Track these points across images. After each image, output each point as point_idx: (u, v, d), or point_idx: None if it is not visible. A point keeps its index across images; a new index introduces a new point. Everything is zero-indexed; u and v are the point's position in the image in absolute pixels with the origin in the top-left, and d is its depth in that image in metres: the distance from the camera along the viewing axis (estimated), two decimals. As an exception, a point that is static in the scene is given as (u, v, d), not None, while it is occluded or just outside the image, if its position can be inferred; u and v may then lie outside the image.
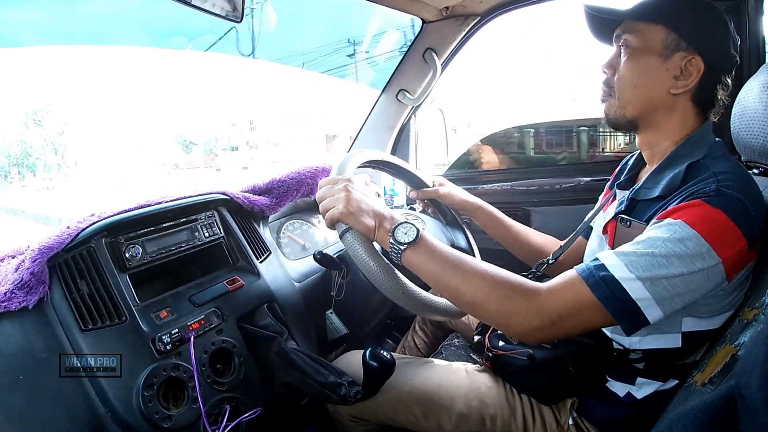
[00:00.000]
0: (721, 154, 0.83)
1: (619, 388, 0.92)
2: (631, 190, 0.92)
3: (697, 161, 0.82)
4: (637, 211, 0.87)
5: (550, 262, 1.15)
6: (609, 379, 0.93)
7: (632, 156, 1.05)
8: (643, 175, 0.95)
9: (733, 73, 0.88)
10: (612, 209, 0.96)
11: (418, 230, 0.83)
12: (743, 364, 0.38)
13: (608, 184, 1.13)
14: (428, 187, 1.33)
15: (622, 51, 0.90)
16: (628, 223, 0.87)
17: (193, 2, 0.90)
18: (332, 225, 0.88)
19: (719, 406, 0.40)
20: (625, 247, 0.74)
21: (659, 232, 0.72)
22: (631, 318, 0.71)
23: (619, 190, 1.00)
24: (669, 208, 0.75)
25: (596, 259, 0.75)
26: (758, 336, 0.39)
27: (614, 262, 0.72)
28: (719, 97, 0.87)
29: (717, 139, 0.87)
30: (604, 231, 0.95)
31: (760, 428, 0.34)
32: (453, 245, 1.27)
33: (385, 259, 0.87)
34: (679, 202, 0.75)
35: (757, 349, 0.36)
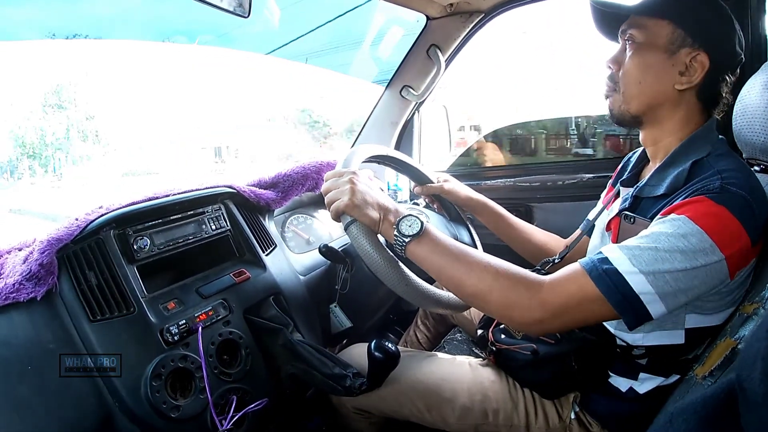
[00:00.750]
0: (724, 151, 0.83)
1: (621, 383, 0.93)
2: (635, 187, 0.92)
3: (701, 159, 0.82)
4: (641, 209, 0.88)
5: (556, 261, 1.15)
6: (611, 374, 0.94)
7: (635, 153, 1.06)
8: (647, 173, 0.95)
9: (738, 71, 0.88)
10: (616, 206, 0.97)
11: (422, 223, 0.84)
12: (744, 358, 0.39)
13: (611, 181, 1.14)
14: (432, 182, 1.34)
15: (628, 46, 0.90)
16: (632, 220, 0.87)
17: None
18: (337, 217, 0.89)
19: (720, 400, 0.41)
20: (629, 242, 0.74)
21: (663, 228, 0.73)
22: (634, 312, 0.71)
23: (622, 188, 1.00)
24: (673, 204, 0.76)
25: (600, 252, 0.76)
26: (759, 329, 0.39)
27: (618, 256, 0.72)
28: (723, 95, 0.87)
29: (720, 136, 0.87)
30: (608, 228, 0.96)
31: (761, 422, 0.34)
32: (456, 240, 1.28)
33: (389, 252, 0.88)
34: (683, 199, 0.76)
35: (758, 342, 0.37)
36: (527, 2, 1.56)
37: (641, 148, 1.01)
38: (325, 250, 1.19)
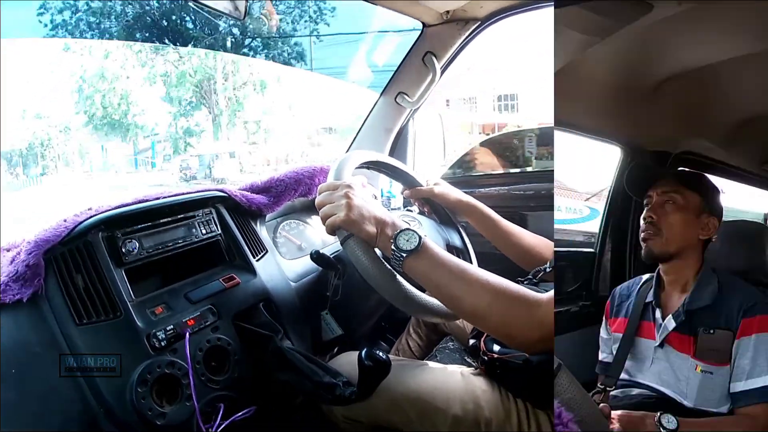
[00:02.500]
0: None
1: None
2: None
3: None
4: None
5: (548, 270, 1.16)
6: None
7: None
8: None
9: None
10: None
11: (420, 238, 0.83)
12: None
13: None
14: (423, 186, 1.34)
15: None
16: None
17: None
18: (333, 232, 0.88)
19: None
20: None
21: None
22: None
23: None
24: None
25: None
26: None
27: None
28: None
29: None
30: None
31: None
32: (448, 245, 1.28)
33: (387, 266, 0.87)
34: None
35: None
36: (523, 11, 1.57)
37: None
38: (317, 257, 1.18)
